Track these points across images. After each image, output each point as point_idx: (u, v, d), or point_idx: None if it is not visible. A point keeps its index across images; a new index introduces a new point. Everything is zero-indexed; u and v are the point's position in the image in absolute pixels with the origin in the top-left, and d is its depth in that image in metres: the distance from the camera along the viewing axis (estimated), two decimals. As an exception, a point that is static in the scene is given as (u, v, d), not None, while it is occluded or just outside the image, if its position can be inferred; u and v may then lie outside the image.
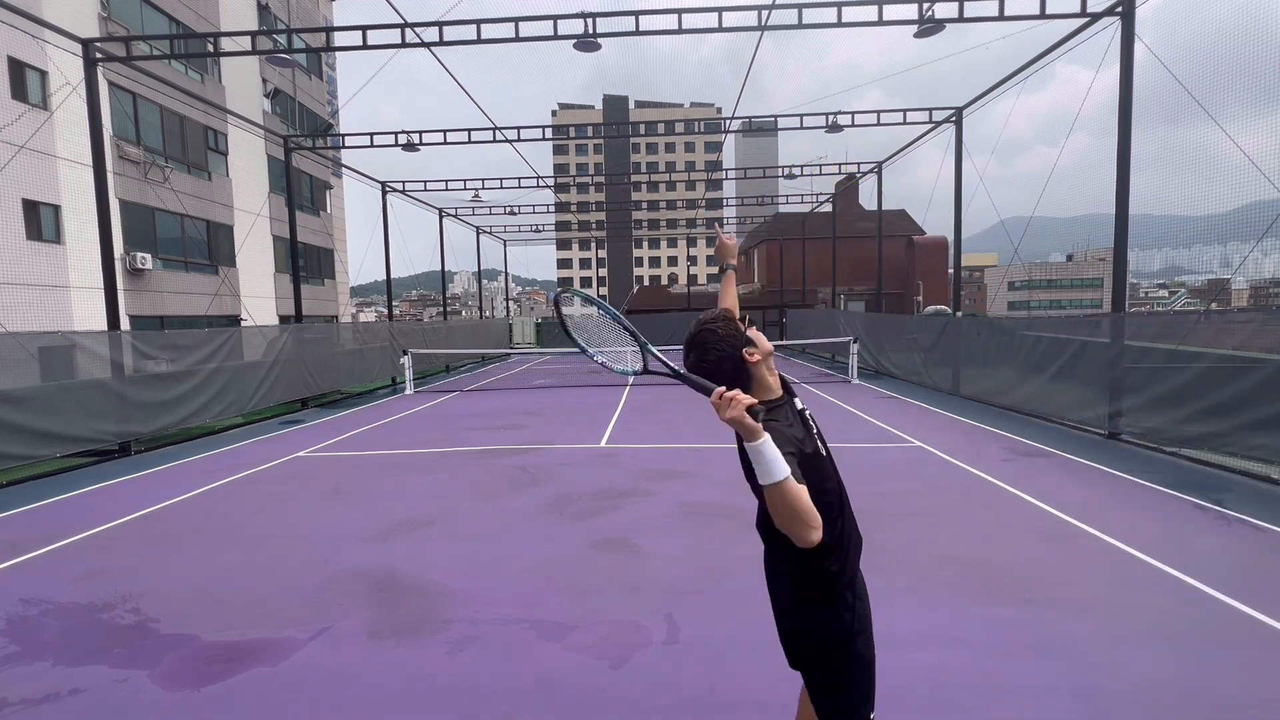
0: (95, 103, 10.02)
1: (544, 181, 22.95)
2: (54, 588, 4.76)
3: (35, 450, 8.32)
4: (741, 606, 4.06)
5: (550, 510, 6.32)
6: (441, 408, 13.82)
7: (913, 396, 13.44)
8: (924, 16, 9.90)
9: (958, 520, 5.74)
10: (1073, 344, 9.80)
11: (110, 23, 18.32)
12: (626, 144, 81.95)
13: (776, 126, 16.78)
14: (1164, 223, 11.88)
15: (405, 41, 10.54)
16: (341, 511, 6.47)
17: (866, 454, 8.39)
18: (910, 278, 39.23)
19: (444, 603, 4.32)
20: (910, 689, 3.21)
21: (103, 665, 3.65)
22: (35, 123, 14.84)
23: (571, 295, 2.08)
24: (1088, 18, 9.63)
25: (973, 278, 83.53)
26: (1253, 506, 5.92)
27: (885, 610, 4.05)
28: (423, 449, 9.48)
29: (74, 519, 6.47)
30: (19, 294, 15.06)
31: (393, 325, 19.58)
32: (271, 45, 14.14)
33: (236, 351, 12.48)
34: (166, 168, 20.24)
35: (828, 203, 28.11)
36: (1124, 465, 7.49)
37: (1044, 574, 4.54)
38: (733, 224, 36.04)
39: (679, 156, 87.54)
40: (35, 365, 8.92)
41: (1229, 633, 3.70)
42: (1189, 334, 7.99)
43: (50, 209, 16.66)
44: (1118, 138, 8.92)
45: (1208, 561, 4.67)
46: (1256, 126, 7.42)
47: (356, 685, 3.39)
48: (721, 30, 10.13)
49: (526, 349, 30.51)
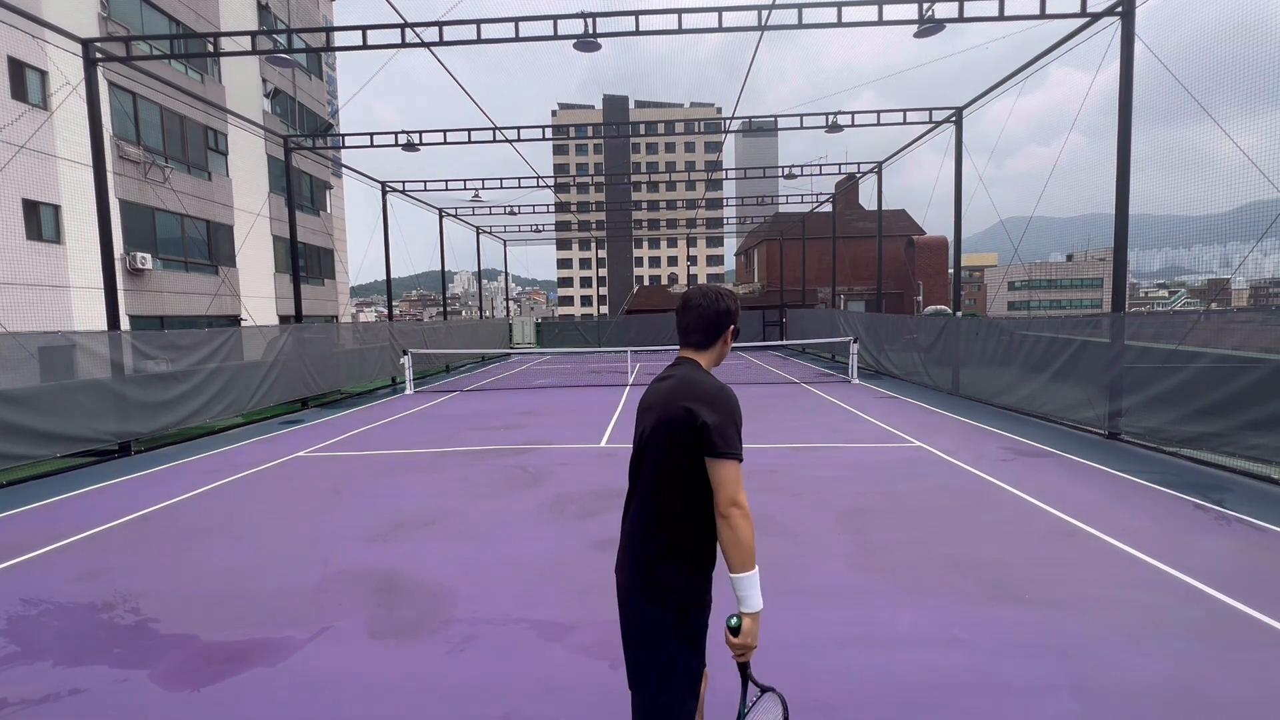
0: (95, 103, 10.02)
1: (544, 181, 22.94)
2: (54, 588, 4.77)
3: (35, 450, 8.32)
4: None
5: (550, 510, 6.32)
6: (441, 408, 13.82)
7: (912, 396, 13.44)
8: (924, 16, 9.90)
9: (958, 520, 5.74)
10: (1072, 344, 9.80)
11: (110, 23, 18.32)
12: (626, 144, 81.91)
13: (776, 126, 16.77)
14: (1164, 223, 11.88)
15: (405, 41, 10.54)
16: (341, 511, 6.47)
17: (866, 454, 8.39)
18: (910, 278, 39.23)
19: (444, 603, 4.32)
20: (910, 689, 3.21)
21: (103, 665, 3.65)
22: (35, 123, 14.85)
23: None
24: (1088, 18, 9.64)
25: (973, 278, 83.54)
26: (1253, 506, 5.92)
27: (885, 610, 4.07)
28: (423, 449, 9.48)
29: (74, 519, 6.47)
30: (19, 294, 15.06)
31: (393, 325, 19.58)
32: (271, 45, 14.14)
33: (236, 351, 12.48)
34: (166, 168, 20.24)
35: (828, 203, 28.10)
36: (1124, 465, 7.49)
37: (1043, 574, 4.54)
38: (733, 224, 36.04)
39: (679, 156, 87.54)
40: (35, 365, 8.91)
41: (1229, 633, 3.70)
42: (1188, 334, 7.99)
43: (50, 209, 16.66)
44: (1118, 137, 8.92)
45: (1208, 561, 4.67)
46: (1255, 126, 7.41)
47: (356, 685, 3.39)
48: (721, 30, 10.13)
49: (526, 349, 30.51)
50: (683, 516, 1.96)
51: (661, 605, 1.95)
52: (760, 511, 5.96)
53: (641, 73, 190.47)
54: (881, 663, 3.46)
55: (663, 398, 2.01)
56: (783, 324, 30.99)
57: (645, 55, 69.46)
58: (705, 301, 2.09)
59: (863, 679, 3.31)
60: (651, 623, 1.97)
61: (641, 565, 1.99)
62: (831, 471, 7.51)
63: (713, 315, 2.09)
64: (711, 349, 2.13)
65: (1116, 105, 8.99)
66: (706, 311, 2.08)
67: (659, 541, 1.97)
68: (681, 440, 1.92)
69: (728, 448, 1.86)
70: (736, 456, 1.87)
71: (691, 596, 1.97)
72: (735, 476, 1.86)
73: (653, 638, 1.97)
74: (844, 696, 3.17)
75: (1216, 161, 7.91)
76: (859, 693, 3.20)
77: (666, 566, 1.96)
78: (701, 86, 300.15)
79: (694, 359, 2.10)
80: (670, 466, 1.95)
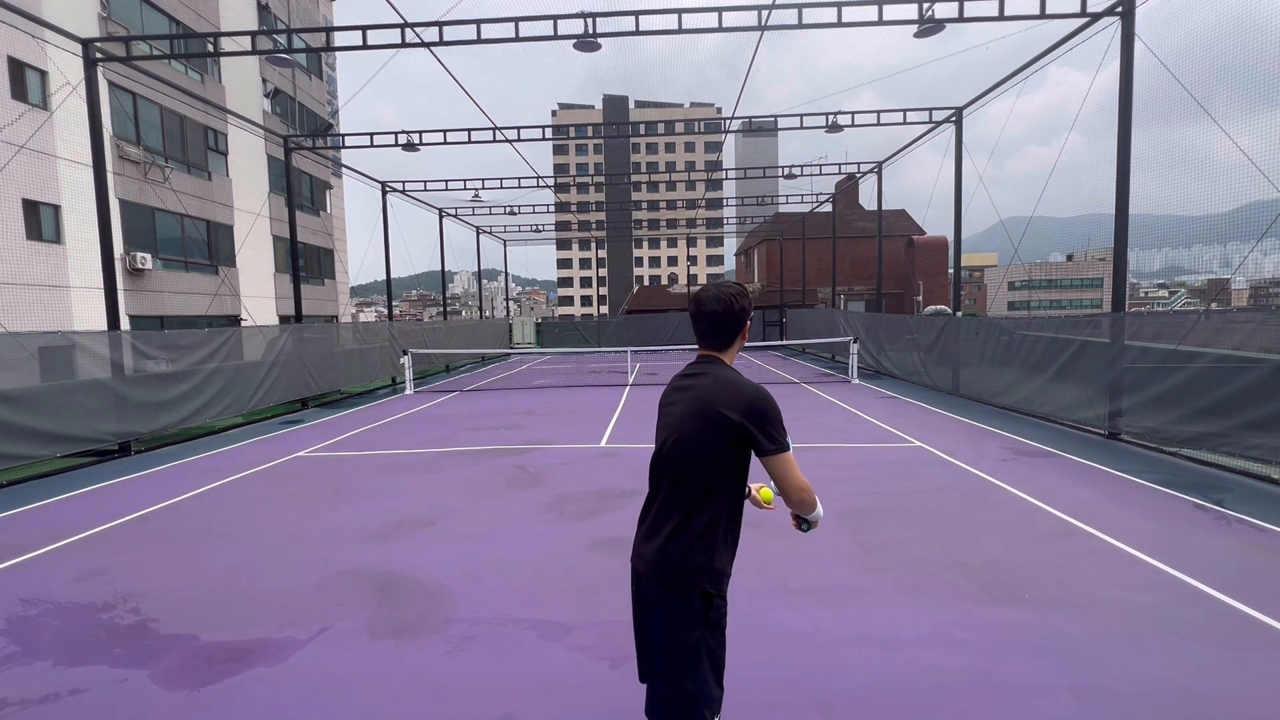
0: (95, 103, 10.02)
1: (544, 181, 22.94)
2: (54, 588, 4.77)
3: (35, 450, 8.32)
4: (740, 605, 4.05)
5: (550, 510, 6.32)
6: (441, 407, 13.82)
7: (912, 396, 13.44)
8: (924, 16, 9.90)
9: (958, 520, 5.74)
10: (1072, 344, 9.80)
11: (110, 23, 18.32)
12: (626, 144, 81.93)
13: (776, 126, 16.75)
14: (1164, 223, 11.87)
15: (405, 41, 10.54)
16: (341, 511, 6.47)
17: (866, 454, 8.39)
18: (910, 278, 39.23)
19: (444, 603, 4.32)
20: (910, 689, 3.21)
21: (103, 665, 3.65)
22: (35, 123, 14.85)
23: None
24: (1087, 18, 9.64)
25: (973, 278, 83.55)
26: (1253, 506, 5.92)
27: (885, 610, 4.07)
28: (423, 449, 9.48)
29: (74, 519, 6.47)
30: (19, 294, 15.07)
31: (392, 325, 19.58)
32: (271, 45, 14.14)
33: (236, 351, 12.48)
34: (166, 168, 20.24)
35: (828, 203, 28.10)
36: (1124, 465, 7.49)
37: (1044, 574, 4.54)
38: (733, 224, 36.03)
39: (679, 156, 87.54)
40: (35, 365, 8.91)
41: (1229, 633, 3.70)
42: (1188, 334, 7.99)
43: (50, 209, 16.66)
44: (1118, 138, 8.92)
45: (1208, 561, 4.67)
46: (1253, 126, 7.42)
47: (356, 685, 3.39)
48: (721, 30, 10.13)
49: (526, 349, 30.51)
50: (711, 510, 2.05)
51: (686, 595, 2.02)
52: (761, 511, 5.95)
53: (641, 73, 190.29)
54: (881, 663, 3.46)
55: (700, 398, 2.07)
56: (783, 324, 31.00)
57: (645, 55, 69.75)
58: (719, 306, 2.14)
59: (863, 679, 3.31)
60: (676, 612, 2.03)
61: (667, 556, 2.05)
62: (831, 471, 7.51)
63: (729, 318, 2.15)
64: (732, 347, 2.21)
65: (1116, 105, 8.99)
66: (723, 315, 2.14)
67: (687, 534, 2.04)
68: (721, 440, 2.01)
69: (782, 443, 2.01)
70: (789, 448, 2.03)
71: (715, 587, 2.04)
72: (793, 465, 2.03)
73: (678, 626, 2.04)
74: (844, 696, 3.17)
75: (1216, 161, 7.91)
76: (859, 693, 3.20)
77: (694, 558, 2.03)
78: (701, 86, 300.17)
79: (718, 357, 2.18)
80: (704, 464, 2.03)
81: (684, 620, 2.03)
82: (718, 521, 2.06)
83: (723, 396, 2.03)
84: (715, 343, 2.18)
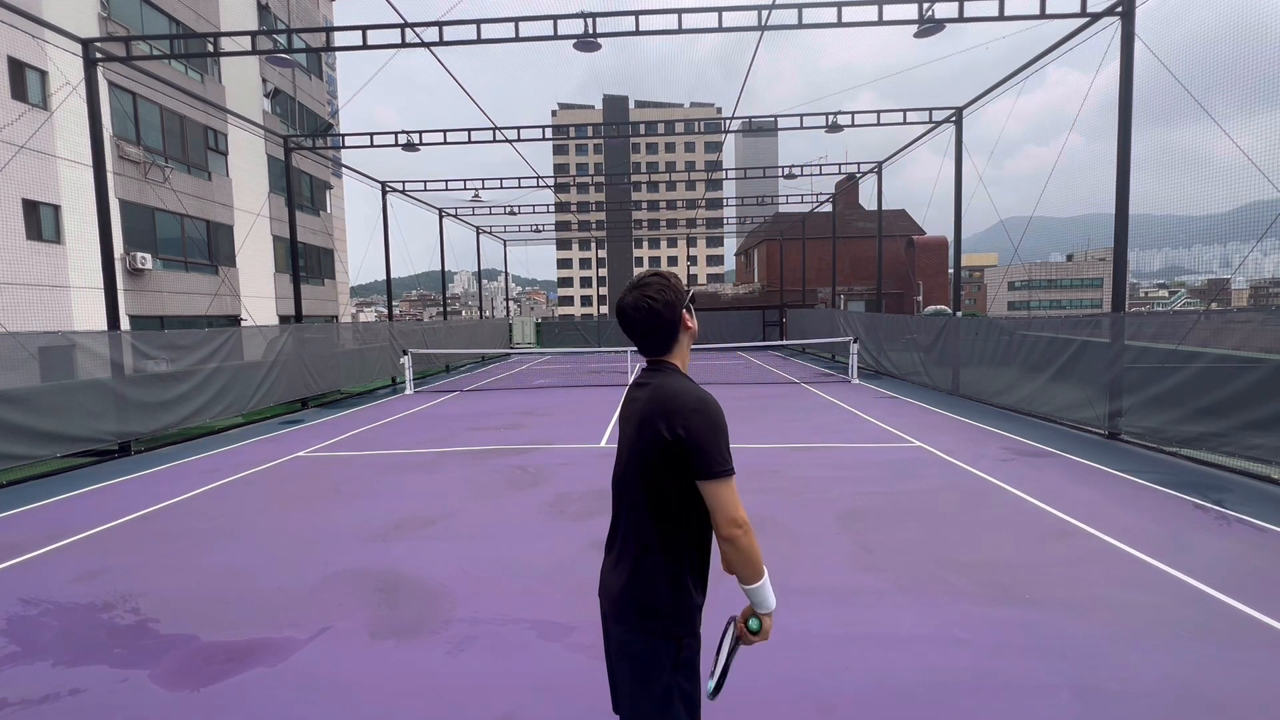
0: (95, 103, 10.02)
1: (544, 181, 22.94)
2: (54, 588, 4.77)
3: (35, 450, 8.32)
4: (739, 605, 4.05)
5: (550, 510, 6.32)
6: (441, 408, 13.82)
7: (912, 396, 13.44)
8: (924, 16, 9.90)
9: (958, 520, 5.74)
10: (1072, 344, 9.80)
11: (110, 23, 18.32)
12: (626, 144, 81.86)
13: (776, 126, 16.75)
14: (1164, 223, 11.90)
15: (405, 41, 10.54)
16: (341, 511, 6.47)
17: (866, 454, 8.40)
18: (910, 278, 39.24)
19: (444, 603, 4.32)
20: (910, 689, 3.21)
21: (103, 665, 3.65)
22: (35, 123, 14.86)
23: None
24: (1087, 18, 9.64)
25: (973, 278, 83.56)
26: (1253, 506, 5.92)
27: (885, 610, 4.07)
28: (423, 449, 9.48)
29: (74, 519, 6.47)
30: (19, 294, 15.07)
31: (392, 325, 19.57)
32: (271, 45, 14.15)
33: (236, 351, 12.48)
34: (166, 168, 20.24)
35: (828, 203, 28.10)
36: (1124, 465, 7.49)
37: (1044, 574, 4.54)
38: (733, 224, 36.04)
39: (679, 156, 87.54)
40: (35, 365, 8.91)
41: (1229, 633, 3.70)
42: (1188, 334, 7.99)
43: (50, 209, 16.66)
44: (1118, 138, 8.92)
45: (1208, 561, 4.67)
46: (1253, 126, 7.42)
47: (356, 685, 3.39)
48: (721, 30, 10.13)
49: (526, 349, 30.51)
50: (673, 540, 1.82)
51: (651, 635, 1.82)
52: (760, 512, 5.97)
53: (641, 73, 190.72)
54: (882, 663, 3.46)
55: (640, 413, 1.83)
56: (783, 324, 31.00)
57: (645, 55, 69.90)
58: (640, 314, 1.84)
59: (863, 679, 3.31)
60: (643, 657, 1.83)
61: (630, 597, 1.84)
62: (831, 471, 7.51)
63: (657, 321, 1.85)
64: (676, 348, 1.91)
65: (1116, 105, 8.99)
66: (650, 321, 1.84)
67: (648, 568, 1.82)
68: (665, 461, 1.76)
69: (720, 467, 1.71)
70: (729, 473, 1.73)
71: (682, 628, 1.84)
72: (731, 494, 1.73)
73: (646, 669, 1.83)
74: (844, 696, 3.17)
75: (1216, 161, 7.91)
76: (859, 693, 3.20)
77: (657, 597, 1.81)
78: (701, 87, 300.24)
79: (665, 362, 1.91)
80: (655, 489, 1.80)
81: (652, 665, 1.82)
82: (682, 553, 1.83)
83: (659, 408, 1.77)
84: (654, 350, 1.90)
